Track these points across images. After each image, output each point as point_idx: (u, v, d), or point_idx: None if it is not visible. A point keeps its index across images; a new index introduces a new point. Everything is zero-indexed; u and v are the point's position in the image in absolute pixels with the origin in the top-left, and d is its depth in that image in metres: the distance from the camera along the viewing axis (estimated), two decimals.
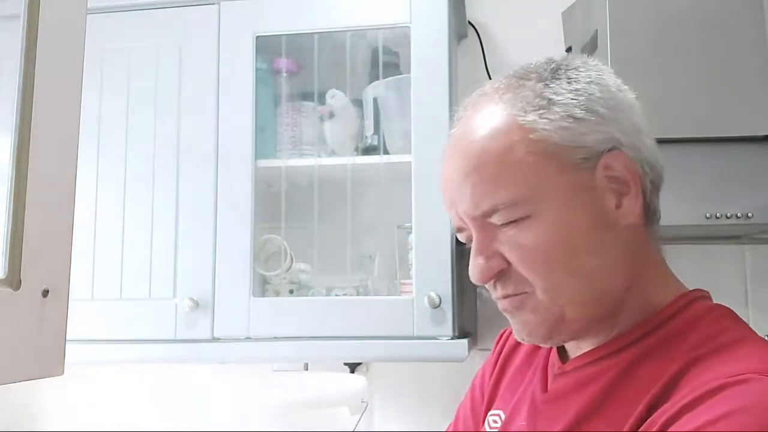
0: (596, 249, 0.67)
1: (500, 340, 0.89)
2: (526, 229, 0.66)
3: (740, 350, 0.62)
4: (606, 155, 0.67)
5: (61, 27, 0.50)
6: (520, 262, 0.67)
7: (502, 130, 0.68)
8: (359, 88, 1.43)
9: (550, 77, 0.69)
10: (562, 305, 0.67)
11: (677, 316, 0.67)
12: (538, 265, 0.66)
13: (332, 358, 1.48)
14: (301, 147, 1.42)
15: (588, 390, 0.67)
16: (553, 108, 0.67)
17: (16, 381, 0.46)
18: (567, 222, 0.66)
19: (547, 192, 0.66)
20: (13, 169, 0.46)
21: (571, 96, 0.67)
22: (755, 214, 1.16)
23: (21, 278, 0.46)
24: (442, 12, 1.32)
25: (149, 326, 1.33)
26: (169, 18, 1.40)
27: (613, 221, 0.67)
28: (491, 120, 0.69)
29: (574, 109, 0.67)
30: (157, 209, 1.35)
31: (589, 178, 0.67)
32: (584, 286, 0.67)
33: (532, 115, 0.67)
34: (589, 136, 0.67)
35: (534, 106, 0.67)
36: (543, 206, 0.66)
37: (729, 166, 1.19)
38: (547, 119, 0.66)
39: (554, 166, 0.66)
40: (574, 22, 1.47)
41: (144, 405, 1.62)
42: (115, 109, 1.38)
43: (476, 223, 0.69)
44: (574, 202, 0.66)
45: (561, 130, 0.66)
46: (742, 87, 1.20)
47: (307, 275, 1.43)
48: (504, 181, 0.67)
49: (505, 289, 0.69)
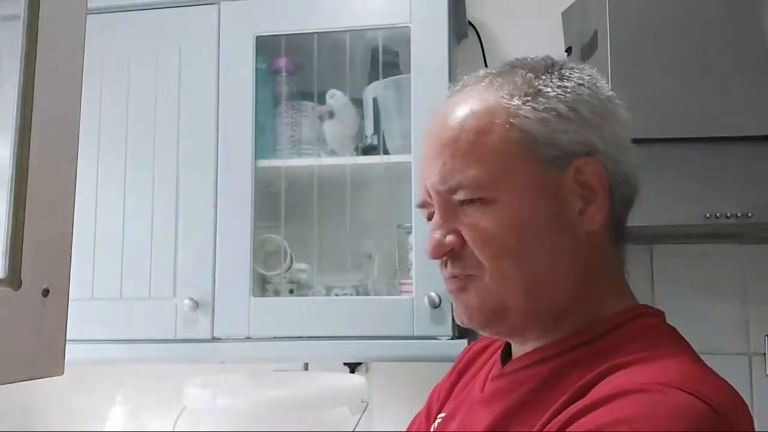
0: (547, 248, 0.67)
1: (465, 351, 0.90)
2: (486, 213, 0.67)
3: (661, 363, 0.61)
4: (579, 159, 0.66)
5: (61, 27, 0.50)
6: (475, 244, 0.67)
7: (484, 110, 0.68)
8: (359, 88, 1.43)
9: (543, 71, 0.70)
10: (505, 295, 0.67)
11: (616, 330, 0.67)
12: (490, 249, 0.67)
13: (332, 358, 1.48)
14: (300, 147, 1.42)
15: (512, 395, 0.68)
16: (539, 99, 0.67)
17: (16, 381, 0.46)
18: (524, 215, 0.66)
19: (511, 181, 0.66)
20: (13, 169, 0.46)
21: (559, 91, 0.67)
22: (755, 214, 1.16)
23: (21, 278, 0.46)
24: (442, 12, 1.32)
25: (149, 326, 1.33)
26: (169, 18, 1.40)
27: (572, 225, 0.67)
28: (476, 99, 0.69)
29: (558, 105, 0.66)
30: (157, 209, 1.35)
31: (557, 178, 0.66)
32: (528, 281, 0.66)
33: (516, 101, 0.67)
34: (567, 135, 0.66)
35: (521, 92, 0.68)
36: (506, 194, 0.66)
37: (729, 166, 1.19)
38: (530, 107, 0.66)
39: (524, 158, 0.66)
40: (574, 22, 1.47)
41: (144, 405, 1.62)
42: (115, 109, 1.38)
43: (440, 198, 0.70)
44: (536, 198, 0.66)
45: (540, 122, 0.66)
46: (742, 87, 1.20)
47: (307, 275, 1.43)
48: (474, 159, 0.67)
49: (453, 268, 0.70)
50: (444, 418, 0.80)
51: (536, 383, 0.66)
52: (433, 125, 0.72)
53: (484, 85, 0.70)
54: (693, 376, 0.59)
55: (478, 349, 0.87)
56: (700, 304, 1.46)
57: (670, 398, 0.55)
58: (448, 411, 0.80)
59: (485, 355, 0.84)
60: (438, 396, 0.88)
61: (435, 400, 0.88)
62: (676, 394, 0.55)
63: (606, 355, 0.63)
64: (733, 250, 1.49)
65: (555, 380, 0.65)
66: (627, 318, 0.68)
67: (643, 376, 0.58)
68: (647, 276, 1.48)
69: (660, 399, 0.55)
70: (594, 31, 1.29)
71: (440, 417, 0.81)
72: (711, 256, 1.49)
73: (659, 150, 1.21)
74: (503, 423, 0.66)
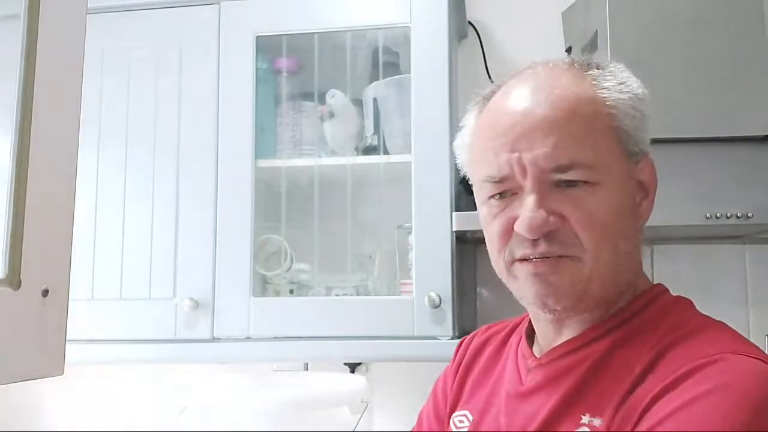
0: (629, 234, 0.71)
1: (460, 347, 0.90)
2: (593, 195, 0.68)
3: (707, 334, 0.67)
4: (645, 157, 0.73)
5: (61, 27, 0.50)
6: (582, 224, 0.68)
7: (590, 98, 0.70)
8: (359, 88, 1.43)
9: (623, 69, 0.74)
10: (597, 276, 0.69)
11: (647, 308, 0.72)
12: (596, 231, 0.68)
13: (332, 358, 1.48)
14: (301, 147, 1.42)
15: (566, 381, 0.69)
16: (634, 98, 0.71)
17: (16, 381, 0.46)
18: (621, 201, 0.70)
19: (611, 168, 0.69)
20: (13, 169, 0.46)
21: (641, 91, 0.72)
22: (755, 214, 1.16)
23: (21, 278, 0.46)
24: (442, 12, 1.32)
25: (149, 326, 1.33)
26: (169, 18, 1.40)
27: (637, 216, 0.73)
28: (575, 86, 0.71)
29: (643, 104, 0.72)
30: (157, 209, 1.35)
31: (633, 171, 0.72)
32: (615, 265, 0.70)
33: (616, 93, 0.70)
34: (643, 133, 0.72)
35: (614, 87, 0.71)
36: (609, 179, 0.69)
37: (729, 166, 1.19)
38: (625, 103, 0.70)
39: (620, 148, 0.70)
40: (574, 22, 1.47)
41: (144, 405, 1.62)
42: (115, 109, 1.38)
43: (542, 177, 0.69)
44: (627, 187, 0.71)
45: (632, 118, 0.70)
46: (742, 87, 1.20)
47: (307, 275, 1.42)
48: (589, 143, 0.68)
49: (551, 247, 0.69)
50: (473, 417, 0.78)
51: (590, 365, 0.68)
52: (529, 98, 0.71)
53: (575, 73, 0.72)
54: (740, 342, 0.66)
55: (480, 343, 0.86)
56: (700, 304, 1.45)
57: (744, 364, 0.60)
58: (475, 409, 0.79)
59: (492, 348, 0.84)
60: (444, 395, 0.87)
61: (442, 400, 0.87)
62: (743, 360, 0.61)
63: (647, 334, 0.68)
64: (733, 250, 1.49)
65: (602, 365, 0.68)
66: (651, 297, 0.73)
67: (705, 349, 0.62)
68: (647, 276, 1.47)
69: (734, 366, 0.60)
70: (594, 31, 1.29)
71: (461, 415, 0.80)
72: (711, 256, 1.49)
73: (659, 150, 1.20)
74: (565, 408, 0.67)
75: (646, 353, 0.65)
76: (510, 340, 0.82)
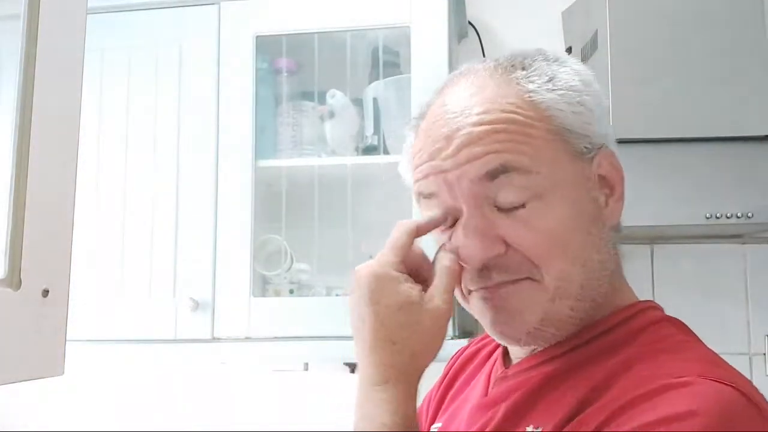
0: (598, 241, 0.64)
1: (454, 356, 0.86)
2: (540, 209, 0.61)
3: (683, 353, 0.60)
4: (600, 151, 0.65)
5: (61, 27, 0.50)
6: (531, 246, 0.61)
7: (515, 105, 0.63)
8: (359, 88, 1.43)
9: (554, 59, 0.67)
10: (565, 296, 0.62)
11: (623, 324, 0.64)
12: (552, 248, 0.61)
13: (332, 358, 1.48)
14: (301, 147, 1.42)
15: (520, 391, 0.65)
16: (568, 92, 0.63)
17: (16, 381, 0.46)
18: (578, 207, 0.63)
19: (560, 173, 0.62)
20: (13, 169, 0.46)
21: (578, 82, 0.65)
22: (755, 214, 1.16)
23: (21, 278, 0.46)
24: (442, 12, 1.32)
25: (149, 326, 1.33)
26: (169, 18, 1.40)
27: (602, 219, 0.65)
28: (501, 92, 0.64)
29: (583, 96, 0.64)
30: (157, 209, 1.35)
31: (589, 170, 0.64)
32: (586, 280, 0.63)
33: (548, 93, 0.63)
34: (593, 127, 0.64)
35: (547, 85, 0.64)
36: (555, 189, 0.62)
37: (729, 166, 1.19)
38: (563, 101, 0.63)
39: (565, 149, 0.63)
40: (574, 22, 1.47)
41: (144, 405, 1.62)
42: (115, 109, 1.38)
43: (474, 196, 0.62)
44: (581, 191, 0.63)
45: (574, 115, 0.63)
46: (742, 87, 1.20)
47: (307, 275, 1.42)
48: (523, 150, 0.61)
49: (501, 276, 0.63)
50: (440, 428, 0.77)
51: (543, 380, 0.63)
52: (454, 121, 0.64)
53: (499, 80, 0.65)
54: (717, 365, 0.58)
55: (469, 354, 0.83)
56: (701, 304, 1.46)
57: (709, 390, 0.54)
58: (445, 420, 0.77)
59: (478, 360, 0.81)
60: (428, 404, 0.85)
61: (425, 409, 0.85)
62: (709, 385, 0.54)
63: (618, 349, 0.61)
64: (733, 250, 1.49)
65: (565, 376, 0.62)
66: (633, 312, 0.65)
67: (674, 368, 0.56)
68: (647, 276, 1.48)
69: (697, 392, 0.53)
70: (594, 31, 1.29)
71: (435, 427, 0.78)
72: (711, 256, 1.49)
73: (659, 150, 1.21)
74: (510, 422, 0.63)
75: (608, 369, 0.59)
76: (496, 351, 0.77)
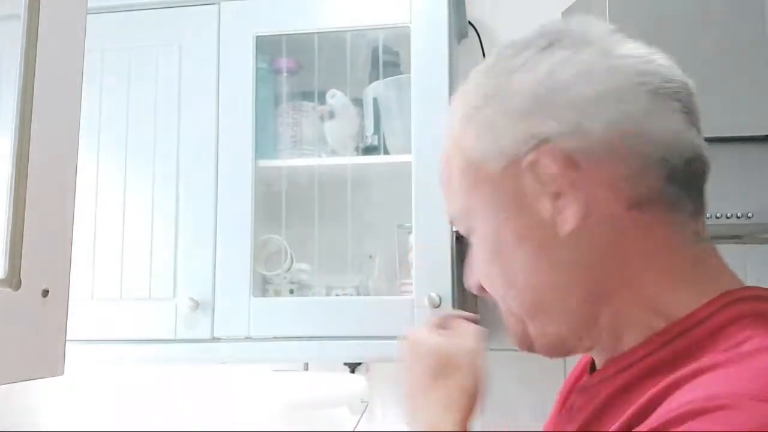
0: (531, 264, 0.58)
1: (578, 363, 0.77)
2: (474, 246, 0.63)
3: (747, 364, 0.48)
4: (530, 154, 0.56)
5: (61, 27, 0.50)
6: (486, 286, 0.64)
7: (449, 134, 0.64)
8: (359, 88, 1.43)
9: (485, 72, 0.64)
10: (522, 321, 0.62)
11: (697, 327, 0.53)
12: (486, 282, 0.63)
13: (332, 358, 1.48)
14: (301, 147, 1.42)
15: (591, 405, 0.59)
16: (476, 117, 0.61)
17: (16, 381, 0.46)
18: (496, 237, 0.60)
19: (475, 207, 0.61)
20: (13, 169, 0.46)
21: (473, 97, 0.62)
22: (755, 214, 1.16)
23: (21, 278, 0.46)
24: (442, 12, 1.32)
25: (149, 326, 1.33)
26: (169, 18, 1.40)
27: (550, 231, 0.57)
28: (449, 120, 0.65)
29: (475, 111, 0.61)
30: (157, 209, 1.35)
31: (515, 185, 0.58)
32: (531, 303, 0.60)
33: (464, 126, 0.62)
34: (505, 139, 0.58)
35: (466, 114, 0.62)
36: (476, 222, 0.61)
37: (729, 166, 1.19)
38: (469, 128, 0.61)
39: (476, 180, 0.60)
40: None
41: (144, 405, 1.62)
42: (115, 109, 1.38)
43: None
44: (500, 216, 0.59)
45: (477, 139, 0.60)
46: (742, 87, 1.20)
47: (308, 275, 1.42)
48: (449, 192, 0.64)
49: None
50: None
51: (610, 393, 0.57)
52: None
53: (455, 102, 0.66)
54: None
55: (585, 362, 0.74)
56: None
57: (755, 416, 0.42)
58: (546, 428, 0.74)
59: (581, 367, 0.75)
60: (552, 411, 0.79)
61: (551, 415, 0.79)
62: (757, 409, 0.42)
63: (689, 357, 0.51)
64: (733, 251, 1.49)
65: (627, 391, 0.55)
66: (715, 308, 0.54)
67: (718, 387, 0.45)
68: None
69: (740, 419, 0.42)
70: None
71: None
72: None
73: None
74: None
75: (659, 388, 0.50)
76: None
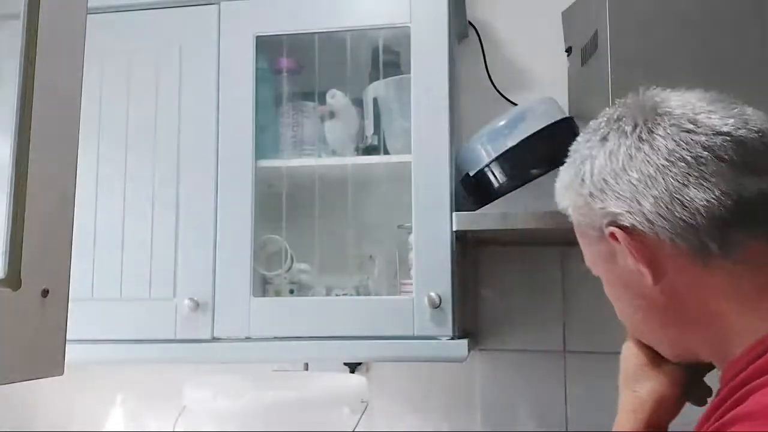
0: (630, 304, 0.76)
1: None
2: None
3: None
4: (606, 228, 0.71)
5: (61, 27, 0.50)
6: None
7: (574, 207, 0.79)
8: (359, 88, 1.43)
9: (572, 153, 0.78)
10: (652, 342, 0.79)
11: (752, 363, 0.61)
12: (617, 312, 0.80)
13: (332, 358, 1.48)
14: (301, 147, 1.42)
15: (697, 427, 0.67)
16: (571, 193, 0.76)
17: (16, 381, 0.46)
18: (610, 283, 0.78)
19: (594, 260, 0.78)
20: (13, 169, 0.46)
21: (587, 176, 0.74)
22: None
23: (21, 278, 0.46)
24: (442, 12, 1.32)
25: (149, 326, 1.33)
26: (169, 18, 1.40)
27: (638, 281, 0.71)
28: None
29: (579, 194, 0.75)
30: (157, 209, 1.35)
31: (608, 249, 0.73)
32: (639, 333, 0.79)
33: (570, 198, 0.77)
34: (594, 213, 0.73)
35: (575, 186, 0.76)
36: (598, 270, 0.78)
37: None
38: (573, 204, 0.77)
39: (586, 240, 0.77)
40: (574, 22, 1.46)
41: (144, 405, 1.61)
42: (115, 109, 1.38)
43: None
44: (608, 267, 0.75)
45: (577, 210, 0.76)
46: (743, 87, 1.19)
47: (308, 275, 1.42)
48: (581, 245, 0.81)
49: None
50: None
51: (703, 416, 0.66)
52: None
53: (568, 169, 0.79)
54: None
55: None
56: None
57: None
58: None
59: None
60: None
61: None
62: None
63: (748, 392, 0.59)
64: None
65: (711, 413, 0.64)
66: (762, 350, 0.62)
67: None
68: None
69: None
70: (594, 31, 1.29)
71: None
72: None
73: None
74: None
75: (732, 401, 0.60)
76: None
